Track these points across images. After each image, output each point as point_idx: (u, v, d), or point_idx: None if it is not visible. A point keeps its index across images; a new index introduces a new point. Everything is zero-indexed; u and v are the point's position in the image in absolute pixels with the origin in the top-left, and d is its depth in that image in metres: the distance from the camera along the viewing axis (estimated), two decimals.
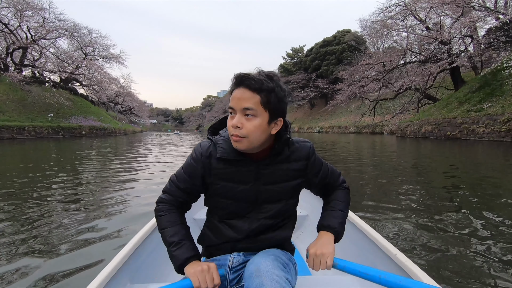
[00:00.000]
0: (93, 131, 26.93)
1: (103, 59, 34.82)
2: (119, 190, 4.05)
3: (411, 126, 18.47)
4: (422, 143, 14.15)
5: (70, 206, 3.16)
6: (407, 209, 3.04)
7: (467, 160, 7.80)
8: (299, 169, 0.98)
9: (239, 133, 0.84)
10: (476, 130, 13.53)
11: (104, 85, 35.73)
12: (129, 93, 49.55)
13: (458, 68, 19.19)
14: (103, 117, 31.62)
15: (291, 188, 0.98)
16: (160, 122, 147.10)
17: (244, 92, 0.84)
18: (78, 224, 2.55)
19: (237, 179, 0.93)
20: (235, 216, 0.97)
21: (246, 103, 0.83)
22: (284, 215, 1.00)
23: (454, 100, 17.01)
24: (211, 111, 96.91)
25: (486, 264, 1.80)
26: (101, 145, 14.61)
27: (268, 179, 0.94)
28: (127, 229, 2.45)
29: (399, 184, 4.53)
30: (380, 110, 30.72)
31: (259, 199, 0.95)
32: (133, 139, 23.99)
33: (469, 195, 3.73)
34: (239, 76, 0.84)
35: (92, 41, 33.19)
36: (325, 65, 48.09)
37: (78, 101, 30.85)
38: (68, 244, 2.12)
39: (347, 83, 23.63)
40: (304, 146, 0.99)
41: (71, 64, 32.09)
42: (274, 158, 0.93)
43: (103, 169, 6.28)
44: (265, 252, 0.92)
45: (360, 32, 47.29)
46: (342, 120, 40.70)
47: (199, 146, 0.97)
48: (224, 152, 0.91)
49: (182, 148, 13.12)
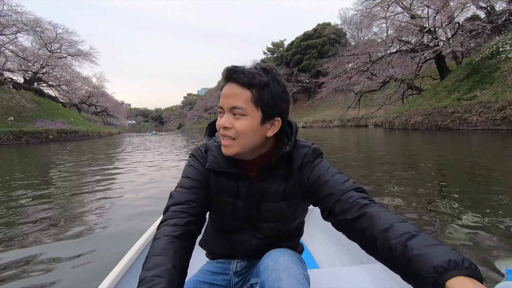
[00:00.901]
0: (62, 134, 24.69)
1: (71, 57, 32.28)
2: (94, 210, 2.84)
3: (400, 118, 17.98)
4: (412, 135, 13.63)
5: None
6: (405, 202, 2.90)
7: (473, 151, 7.05)
8: (296, 185, 0.82)
9: (229, 133, 0.74)
10: (469, 119, 13.08)
11: (74, 84, 33.10)
12: (103, 93, 46.65)
13: (443, 57, 18.89)
14: (73, 119, 29.22)
15: (290, 208, 0.84)
16: (139, 122, 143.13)
17: (232, 88, 0.73)
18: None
19: (233, 194, 0.84)
20: (233, 232, 0.89)
21: (234, 101, 0.72)
22: (286, 234, 0.89)
23: (442, 89, 16.63)
24: (192, 109, 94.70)
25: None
26: (62, 150, 12.96)
27: (263, 197, 0.83)
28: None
29: (395, 179, 4.05)
30: (364, 102, 30.44)
31: (254, 218, 0.85)
32: (108, 141, 22.15)
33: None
34: (228, 69, 0.73)
35: (58, 37, 30.64)
36: (306, 59, 47.53)
37: (45, 103, 28.29)
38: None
39: (332, 76, 22.87)
40: (301, 153, 0.82)
41: (36, 63, 29.53)
42: (270, 173, 0.82)
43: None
44: (281, 249, 0.82)
45: (340, 25, 47.28)
46: (326, 114, 40.35)
47: (198, 150, 0.88)
48: (214, 162, 0.82)
49: (162, 152, 11.75)
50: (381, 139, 12.74)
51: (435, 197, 3.15)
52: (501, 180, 3.83)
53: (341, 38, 44.68)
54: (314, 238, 1.69)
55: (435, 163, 5.69)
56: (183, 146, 13.84)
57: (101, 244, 2.22)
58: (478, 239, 2.00)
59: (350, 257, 1.44)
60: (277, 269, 0.71)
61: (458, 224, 2.29)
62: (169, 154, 9.80)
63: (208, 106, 77.79)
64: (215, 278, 0.89)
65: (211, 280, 0.88)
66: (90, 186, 4.50)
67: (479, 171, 4.58)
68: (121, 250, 1.29)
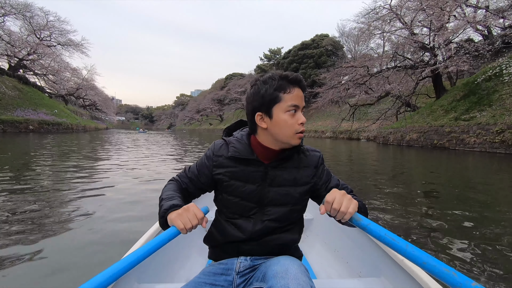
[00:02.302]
0: (44, 126, 23.45)
1: (61, 46, 31.08)
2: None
3: (395, 134, 17.71)
4: (407, 152, 13.34)
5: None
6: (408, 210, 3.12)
7: (469, 173, 6.66)
8: (307, 176, 0.98)
9: (304, 129, 0.92)
10: (466, 139, 12.83)
11: (62, 75, 31.78)
12: (92, 86, 45.19)
13: (440, 76, 18.85)
14: (58, 111, 27.90)
15: (297, 193, 0.97)
16: (129, 119, 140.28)
17: (301, 92, 0.92)
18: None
19: (245, 178, 0.95)
20: (241, 216, 0.97)
21: (303, 102, 0.92)
22: (289, 219, 0.98)
23: (439, 108, 16.47)
24: (184, 110, 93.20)
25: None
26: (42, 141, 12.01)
27: (274, 181, 0.95)
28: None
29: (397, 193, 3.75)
30: (357, 116, 30.32)
31: (264, 201, 0.95)
32: (94, 136, 21.11)
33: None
34: (298, 77, 0.92)
35: (48, 24, 29.47)
36: (303, 68, 47.45)
37: (28, 91, 26.96)
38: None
39: (329, 86, 22.59)
40: (314, 155, 1.01)
41: (24, 50, 28.22)
42: (283, 162, 0.96)
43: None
44: (289, 257, 0.88)
45: (338, 37, 47.60)
46: (318, 125, 40.09)
47: (213, 145, 1.01)
48: (236, 151, 0.95)
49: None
50: (376, 154, 12.34)
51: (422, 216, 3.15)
52: (492, 206, 3.74)
53: (338, 50, 44.92)
54: (312, 248, 1.67)
55: (429, 181, 5.41)
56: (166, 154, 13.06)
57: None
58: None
59: (349, 270, 1.42)
60: (286, 277, 0.74)
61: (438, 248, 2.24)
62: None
63: (200, 108, 76.63)
64: (216, 279, 0.91)
65: (212, 281, 0.90)
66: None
67: (471, 194, 4.48)
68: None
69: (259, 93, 0.91)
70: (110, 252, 2.04)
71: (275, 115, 0.90)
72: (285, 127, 0.89)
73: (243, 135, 1.00)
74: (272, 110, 0.90)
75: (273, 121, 0.90)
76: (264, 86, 0.90)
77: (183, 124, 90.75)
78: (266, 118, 0.91)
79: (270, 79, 0.90)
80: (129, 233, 2.40)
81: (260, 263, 0.93)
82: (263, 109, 0.90)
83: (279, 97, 0.89)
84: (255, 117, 0.93)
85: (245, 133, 1.01)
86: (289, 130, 0.89)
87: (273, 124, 0.90)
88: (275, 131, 0.91)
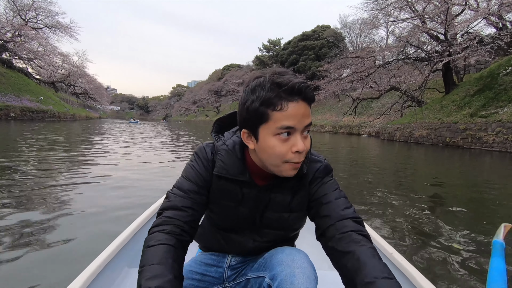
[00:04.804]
0: (27, 113, 21.95)
1: (48, 29, 29.25)
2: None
3: (402, 130, 16.62)
4: (415, 149, 12.32)
5: None
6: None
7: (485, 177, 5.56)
8: (302, 199, 0.81)
9: (301, 159, 0.70)
10: (483, 138, 11.78)
11: (48, 59, 30.01)
12: (84, 73, 43.23)
13: (451, 69, 17.73)
14: (43, 97, 26.29)
15: (292, 219, 0.83)
16: (124, 109, 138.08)
17: (303, 107, 0.66)
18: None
19: (237, 200, 0.80)
20: (232, 231, 0.86)
21: (308, 119, 0.68)
22: (284, 239, 0.88)
23: (450, 104, 15.39)
24: (180, 101, 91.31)
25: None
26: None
27: (268, 206, 0.81)
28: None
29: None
30: (358, 110, 29.20)
31: (257, 224, 0.83)
32: (73, 127, 19.77)
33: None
34: (297, 85, 0.64)
35: (34, 5, 27.61)
36: (303, 60, 46.03)
37: (12, 76, 25.29)
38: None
39: (331, 78, 21.33)
40: (313, 167, 0.80)
41: (8, 32, 26.50)
42: (279, 184, 0.80)
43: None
44: (295, 248, 0.79)
45: (340, 28, 46.11)
46: (317, 119, 38.96)
47: (203, 150, 0.80)
48: (223, 169, 0.77)
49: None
50: (388, 152, 11.25)
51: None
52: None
53: (340, 42, 43.57)
54: (304, 240, 1.54)
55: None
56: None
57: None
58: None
59: None
60: (293, 266, 0.69)
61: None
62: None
63: (196, 99, 74.91)
64: (207, 270, 0.88)
65: (203, 271, 0.87)
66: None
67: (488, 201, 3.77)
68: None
69: (245, 105, 0.69)
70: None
71: (261, 138, 0.69)
72: (272, 155, 0.68)
73: (236, 143, 0.79)
74: (258, 131, 0.68)
75: (259, 145, 0.70)
76: (251, 97, 0.67)
77: (179, 115, 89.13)
78: (252, 138, 0.71)
79: (259, 87, 0.66)
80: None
81: (253, 257, 0.88)
82: (248, 127, 0.70)
83: (266, 115, 0.65)
84: (242, 134, 0.73)
85: (239, 139, 0.78)
86: (277, 159, 0.68)
87: (260, 148, 0.70)
88: (262, 156, 0.72)
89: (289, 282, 0.66)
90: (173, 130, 21.90)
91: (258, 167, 0.77)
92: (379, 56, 20.60)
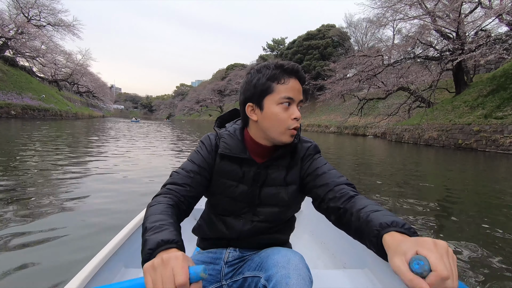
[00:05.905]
0: (28, 111, 21.71)
1: (51, 27, 29.04)
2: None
3: (411, 131, 16.05)
4: (424, 151, 11.78)
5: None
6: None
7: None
8: (295, 173, 0.90)
9: (298, 125, 0.83)
10: (499, 140, 11.20)
11: (51, 57, 29.80)
12: (86, 72, 43.11)
13: (462, 69, 17.10)
14: (45, 95, 26.06)
15: (287, 194, 0.89)
16: (127, 108, 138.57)
17: (298, 84, 0.83)
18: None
19: (237, 178, 0.88)
20: (231, 214, 0.91)
21: (301, 96, 0.83)
22: (280, 220, 0.93)
23: (462, 104, 14.80)
24: (184, 100, 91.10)
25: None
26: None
27: (266, 181, 0.89)
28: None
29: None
30: (364, 110, 28.58)
31: (255, 201, 0.89)
32: (74, 125, 19.50)
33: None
34: (296, 67, 0.82)
35: (37, 2, 27.40)
36: (307, 60, 45.47)
37: (14, 74, 25.11)
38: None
39: (337, 78, 20.78)
40: (303, 146, 0.91)
41: (11, 30, 26.34)
42: (275, 161, 0.88)
43: None
44: (290, 249, 0.83)
45: (345, 28, 45.48)
46: (322, 119, 38.39)
47: (207, 138, 0.91)
48: (226, 148, 0.87)
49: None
50: (402, 155, 10.73)
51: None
52: None
53: (345, 41, 42.95)
54: (300, 239, 1.66)
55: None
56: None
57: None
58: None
59: (334, 261, 1.46)
60: (288, 267, 0.72)
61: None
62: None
63: (200, 98, 74.55)
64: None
65: None
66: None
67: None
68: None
69: (252, 82, 0.84)
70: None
71: (266, 107, 0.81)
72: (276, 121, 0.81)
73: (236, 128, 0.91)
74: (263, 101, 0.81)
75: (264, 114, 0.82)
76: (257, 75, 0.82)
77: (182, 114, 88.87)
78: (257, 110, 0.84)
79: (265, 67, 0.83)
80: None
81: (250, 254, 0.91)
82: (254, 100, 0.83)
83: (271, 88, 0.81)
84: (246, 108, 0.85)
85: (239, 126, 0.92)
86: (280, 124, 0.81)
87: (264, 117, 0.82)
88: (265, 125, 0.83)
89: (284, 284, 0.67)
90: (174, 130, 21.56)
91: (256, 144, 0.86)
92: (386, 56, 20.04)
